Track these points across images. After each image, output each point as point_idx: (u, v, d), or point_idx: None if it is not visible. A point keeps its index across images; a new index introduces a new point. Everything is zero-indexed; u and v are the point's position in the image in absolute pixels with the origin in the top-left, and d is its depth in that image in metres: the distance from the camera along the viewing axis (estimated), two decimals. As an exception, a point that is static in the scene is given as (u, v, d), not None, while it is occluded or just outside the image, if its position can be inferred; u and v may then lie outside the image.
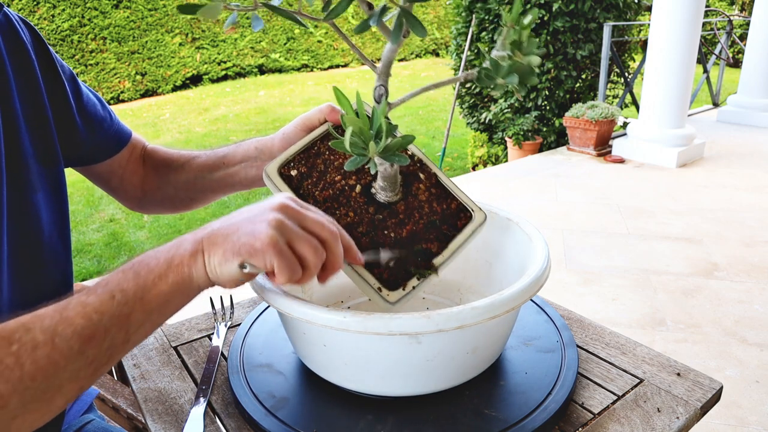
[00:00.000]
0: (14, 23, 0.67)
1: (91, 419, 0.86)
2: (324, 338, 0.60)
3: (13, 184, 0.63)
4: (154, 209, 0.90)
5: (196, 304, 0.57)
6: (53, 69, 0.71)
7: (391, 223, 0.64)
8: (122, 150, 0.82)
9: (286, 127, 0.75)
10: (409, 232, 0.64)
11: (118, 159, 0.82)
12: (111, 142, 0.80)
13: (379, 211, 0.65)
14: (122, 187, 0.85)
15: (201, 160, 0.83)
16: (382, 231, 0.64)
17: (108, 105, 0.82)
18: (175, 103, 8.35)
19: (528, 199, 3.59)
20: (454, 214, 0.67)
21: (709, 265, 2.69)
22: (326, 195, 0.65)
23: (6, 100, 0.63)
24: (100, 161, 0.81)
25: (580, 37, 4.62)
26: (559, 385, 0.65)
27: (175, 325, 0.84)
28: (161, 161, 0.86)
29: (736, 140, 4.80)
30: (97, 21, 8.38)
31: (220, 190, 0.83)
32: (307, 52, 10.41)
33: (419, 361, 0.59)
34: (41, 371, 0.45)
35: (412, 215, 0.65)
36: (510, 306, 0.57)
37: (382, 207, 0.65)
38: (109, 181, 0.84)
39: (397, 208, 0.66)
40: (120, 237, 3.79)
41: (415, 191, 0.67)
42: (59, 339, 0.46)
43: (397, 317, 0.54)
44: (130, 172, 0.84)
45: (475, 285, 0.80)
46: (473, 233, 0.67)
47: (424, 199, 0.67)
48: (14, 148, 0.64)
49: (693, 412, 0.63)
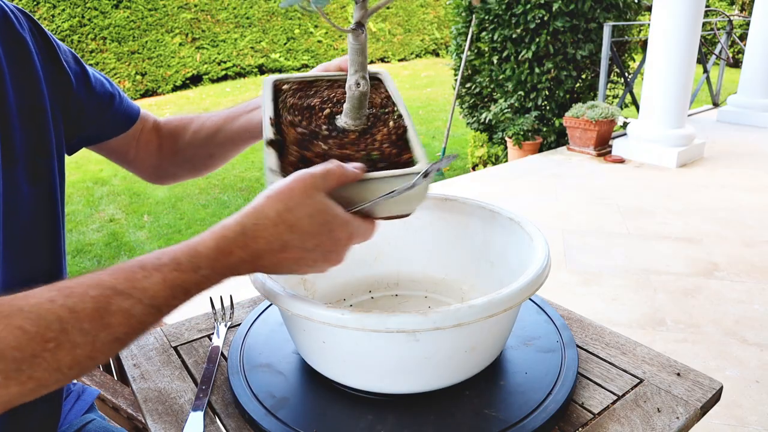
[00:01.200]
0: (9, 14, 0.67)
1: (92, 419, 0.87)
2: (323, 335, 0.61)
3: (5, 173, 0.63)
4: (173, 175, 0.91)
5: (196, 303, 0.57)
6: (54, 57, 0.71)
7: (332, 142, 0.63)
8: (134, 125, 0.83)
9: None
10: (343, 154, 0.61)
11: (132, 133, 0.84)
12: (121, 117, 0.82)
13: (330, 131, 0.65)
14: (139, 157, 0.86)
15: (217, 115, 0.85)
16: (319, 143, 0.63)
17: (115, 84, 0.83)
18: (176, 103, 8.35)
19: (528, 199, 3.59)
20: (398, 164, 0.61)
21: (709, 265, 2.69)
22: (296, 104, 0.68)
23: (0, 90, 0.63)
24: (113, 137, 0.82)
25: (580, 37, 4.62)
26: (559, 385, 0.65)
27: (175, 325, 0.84)
28: (179, 125, 0.87)
29: (736, 140, 4.80)
30: (97, 21, 8.38)
31: (240, 141, 0.84)
32: (307, 52, 10.41)
33: (418, 359, 0.59)
34: (78, 366, 0.45)
35: (357, 144, 0.63)
36: (507, 305, 0.57)
37: (336, 129, 0.65)
38: (126, 154, 0.86)
39: (348, 135, 0.65)
40: (120, 237, 3.79)
41: (375, 132, 0.65)
42: (99, 344, 0.45)
43: (395, 315, 0.54)
44: (145, 141, 0.86)
45: (477, 284, 0.80)
46: (390, 179, 0.59)
47: (378, 139, 0.64)
48: (6, 138, 0.63)
49: (693, 412, 0.63)
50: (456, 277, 0.82)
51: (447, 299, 0.83)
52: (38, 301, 0.44)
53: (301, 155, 0.61)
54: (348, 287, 0.84)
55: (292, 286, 0.77)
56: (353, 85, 0.63)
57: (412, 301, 0.84)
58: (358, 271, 0.84)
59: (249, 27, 9.71)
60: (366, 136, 0.64)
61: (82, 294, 0.45)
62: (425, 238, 0.83)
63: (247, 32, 9.70)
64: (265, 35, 9.92)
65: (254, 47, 9.86)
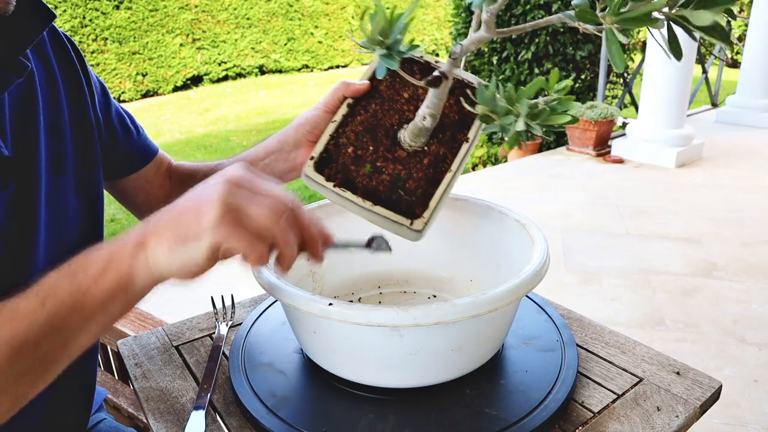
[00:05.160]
0: (62, 37, 0.71)
1: (103, 418, 0.87)
2: (313, 325, 0.62)
3: (56, 184, 0.66)
4: None
5: (196, 303, 0.57)
6: (88, 83, 0.73)
7: (380, 157, 0.66)
8: (149, 164, 0.81)
9: (305, 113, 0.74)
10: (376, 166, 0.65)
11: (145, 174, 0.81)
12: (137, 154, 0.80)
13: (390, 149, 0.67)
14: (148, 204, 0.83)
15: (225, 165, 0.81)
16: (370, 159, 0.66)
17: (137, 121, 0.82)
18: (176, 104, 8.35)
19: (527, 200, 3.59)
20: (412, 202, 0.64)
21: (707, 264, 2.69)
22: (360, 129, 0.69)
23: (55, 105, 0.66)
24: (126, 175, 0.80)
25: (580, 37, 4.62)
26: (559, 384, 0.65)
27: (176, 324, 0.84)
28: (187, 173, 0.85)
29: (734, 140, 4.81)
30: (98, 22, 8.38)
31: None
32: (308, 52, 10.41)
33: (403, 355, 0.60)
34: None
35: (398, 162, 0.66)
36: (492, 306, 0.57)
37: (396, 145, 0.67)
38: (135, 197, 0.83)
39: (397, 150, 0.67)
40: (120, 237, 3.79)
41: (422, 159, 0.66)
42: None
43: (377, 309, 0.55)
44: (157, 187, 0.83)
45: (484, 284, 0.80)
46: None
47: (419, 168, 0.66)
48: (60, 150, 0.66)
49: (692, 410, 0.63)
50: (464, 276, 0.83)
51: (453, 298, 0.83)
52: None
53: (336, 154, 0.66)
54: (358, 282, 0.84)
55: (300, 279, 0.77)
56: (421, 118, 0.65)
57: (418, 298, 0.84)
58: (369, 267, 0.84)
59: (249, 27, 9.71)
60: (413, 158, 0.66)
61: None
62: (436, 236, 0.83)
63: (248, 33, 9.70)
64: (266, 36, 9.92)
65: (255, 48, 9.86)
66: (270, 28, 9.96)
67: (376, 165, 0.65)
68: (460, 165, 0.66)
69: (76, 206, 0.69)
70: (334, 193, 0.64)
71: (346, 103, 0.71)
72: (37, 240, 0.64)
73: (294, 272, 0.76)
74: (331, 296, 0.79)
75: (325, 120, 0.71)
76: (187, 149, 5.88)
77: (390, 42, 0.55)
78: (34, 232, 0.63)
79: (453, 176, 0.65)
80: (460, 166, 0.66)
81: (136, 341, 0.80)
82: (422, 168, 0.65)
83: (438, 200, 0.63)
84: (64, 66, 0.69)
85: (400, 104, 0.70)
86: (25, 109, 0.63)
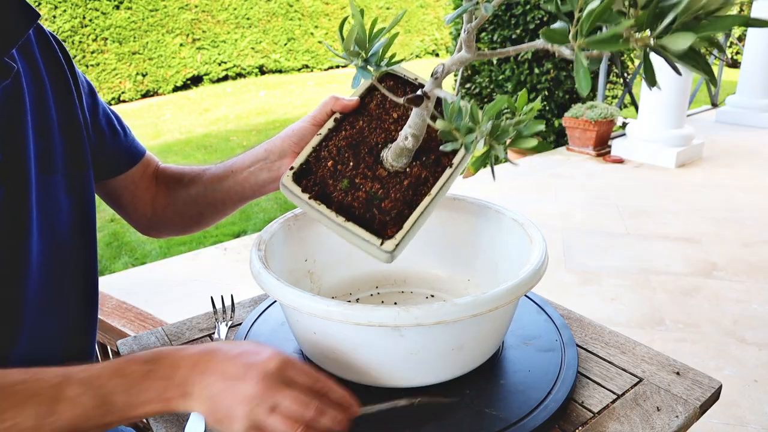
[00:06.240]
0: (48, 37, 0.70)
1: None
2: (313, 326, 0.62)
3: (46, 183, 0.66)
4: (164, 230, 0.88)
5: (197, 303, 0.57)
6: (75, 83, 0.73)
7: (360, 173, 0.66)
8: (135, 166, 0.81)
9: (293, 124, 0.74)
10: (354, 183, 0.66)
11: (131, 175, 0.81)
12: (124, 156, 0.80)
13: (370, 167, 0.67)
14: (133, 205, 0.84)
15: (211, 171, 0.81)
16: (349, 175, 0.66)
17: (124, 122, 0.82)
18: (176, 104, 8.35)
19: (527, 200, 3.59)
20: (386, 221, 0.64)
21: (707, 264, 2.69)
22: (343, 145, 0.69)
23: (42, 105, 0.66)
24: (112, 176, 0.80)
25: (580, 37, 4.62)
26: (559, 384, 0.65)
27: (176, 324, 0.84)
28: (173, 177, 0.84)
29: (734, 140, 4.81)
30: (98, 22, 8.37)
31: (230, 202, 0.80)
32: (308, 52, 10.41)
33: (403, 354, 0.60)
34: None
35: (376, 181, 0.66)
36: (492, 305, 0.57)
37: (378, 163, 0.67)
38: (120, 198, 0.83)
39: (378, 168, 0.67)
40: (120, 237, 3.79)
41: (402, 180, 0.66)
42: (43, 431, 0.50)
43: (378, 309, 0.55)
44: (143, 189, 0.83)
45: (482, 284, 0.81)
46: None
47: (398, 189, 0.65)
48: (48, 149, 0.66)
49: (692, 410, 0.63)
50: (462, 276, 0.83)
51: (451, 297, 0.83)
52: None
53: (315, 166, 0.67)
54: (355, 283, 0.84)
55: (298, 280, 0.77)
56: (403, 138, 0.64)
57: (415, 298, 0.84)
58: (366, 267, 0.84)
59: (249, 27, 9.71)
60: (393, 178, 0.66)
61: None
62: (433, 236, 0.83)
63: (248, 33, 9.70)
64: (266, 36, 9.92)
65: (255, 48, 9.85)
66: (270, 28, 9.96)
67: (354, 181, 0.65)
68: (441, 190, 0.65)
69: (68, 206, 0.69)
70: (308, 205, 0.65)
71: (334, 117, 0.72)
72: (30, 240, 0.64)
73: (292, 273, 0.76)
74: (328, 296, 0.79)
75: (312, 132, 0.72)
76: (187, 149, 5.88)
77: (367, 55, 0.55)
78: (27, 233, 0.63)
79: (432, 200, 0.64)
80: (441, 191, 0.65)
81: (136, 341, 0.80)
82: (401, 189, 0.65)
83: (413, 223, 0.63)
84: (50, 66, 0.69)
85: (387, 123, 0.70)
86: (12, 111, 0.62)
